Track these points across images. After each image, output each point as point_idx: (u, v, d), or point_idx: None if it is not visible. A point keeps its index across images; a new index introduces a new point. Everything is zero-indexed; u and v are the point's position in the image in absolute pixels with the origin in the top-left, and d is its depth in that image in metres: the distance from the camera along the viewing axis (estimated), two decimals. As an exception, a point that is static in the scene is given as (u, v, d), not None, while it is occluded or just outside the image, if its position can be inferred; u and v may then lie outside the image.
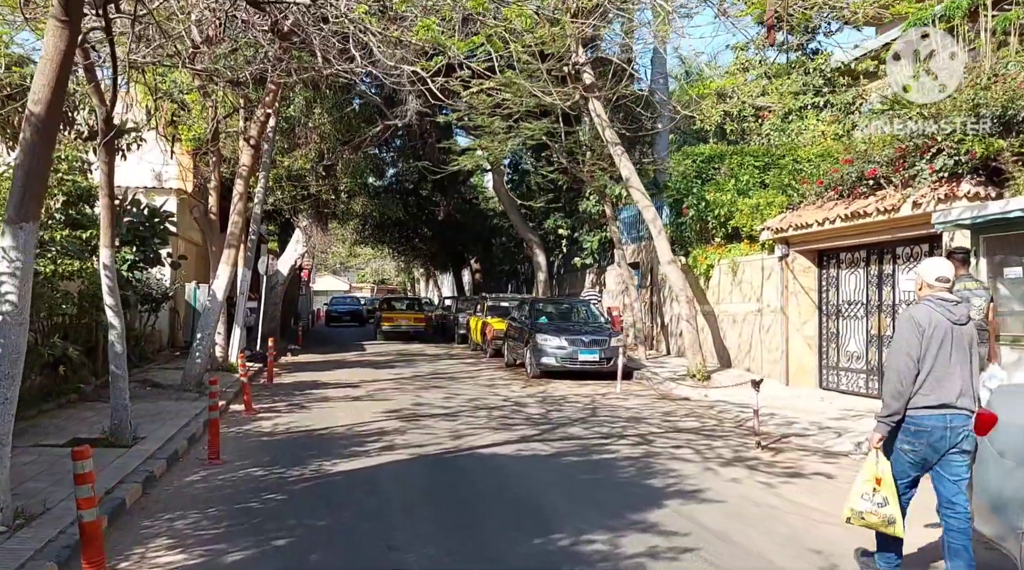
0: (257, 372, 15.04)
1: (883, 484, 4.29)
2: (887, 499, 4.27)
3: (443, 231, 33.77)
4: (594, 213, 20.79)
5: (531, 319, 15.58)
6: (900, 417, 4.29)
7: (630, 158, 16.75)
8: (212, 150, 14.14)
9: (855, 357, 11.90)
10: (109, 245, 7.40)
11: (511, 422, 9.88)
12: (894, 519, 4.27)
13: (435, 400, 11.86)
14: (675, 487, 6.70)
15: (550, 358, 14.20)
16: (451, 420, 10.01)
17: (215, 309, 12.11)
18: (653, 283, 17.96)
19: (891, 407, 4.28)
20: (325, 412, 10.61)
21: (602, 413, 10.66)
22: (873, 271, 11.54)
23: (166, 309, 16.88)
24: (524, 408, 11.03)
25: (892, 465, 4.33)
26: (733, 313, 14.63)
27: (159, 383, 11.92)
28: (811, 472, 7.31)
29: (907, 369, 4.22)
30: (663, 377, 13.69)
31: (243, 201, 12.32)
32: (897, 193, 10.33)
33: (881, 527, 4.33)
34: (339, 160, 19.62)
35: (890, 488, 4.28)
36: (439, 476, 7.19)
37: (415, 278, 59.94)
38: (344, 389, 13.09)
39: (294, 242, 22.54)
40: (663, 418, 10.36)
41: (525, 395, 12.43)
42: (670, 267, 13.42)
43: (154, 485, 6.60)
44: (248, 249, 15.39)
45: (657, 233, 13.40)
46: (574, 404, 11.44)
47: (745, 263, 14.22)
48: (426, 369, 16.84)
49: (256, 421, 9.90)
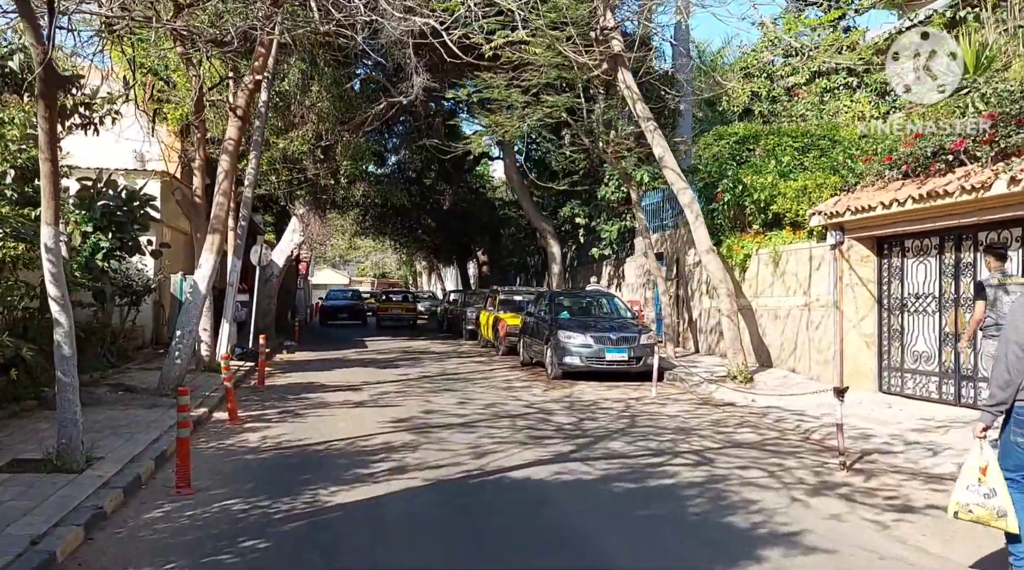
0: (247, 373, 13.62)
1: (988, 474, 4.06)
2: (995, 490, 4.03)
3: (448, 221, 32.33)
4: (613, 200, 19.35)
5: (552, 314, 14.15)
6: (1008, 407, 4.11)
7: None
8: (196, 125, 12.62)
9: (924, 358, 10.48)
10: (52, 222, 5.96)
11: (540, 434, 8.46)
12: (1005, 511, 4.00)
13: (448, 406, 10.44)
14: (764, 528, 5.28)
15: (574, 357, 12.77)
16: (469, 432, 8.59)
17: (197, 302, 10.68)
18: (679, 275, 16.52)
19: (997, 396, 4.12)
20: (323, 421, 9.19)
21: (642, 422, 9.24)
22: (948, 259, 10.10)
23: (149, 302, 15.41)
24: (552, 416, 9.61)
25: (1007, 458, 4.12)
26: (774, 308, 13.20)
27: (133, 387, 10.49)
28: (923, 505, 5.88)
29: (1016, 359, 4.05)
30: (700, 378, 12.27)
31: (229, 180, 10.86)
32: (985, 169, 8.89)
33: (991, 521, 4.07)
34: (338, 142, 18.17)
35: (997, 479, 4.04)
36: (462, 512, 5.78)
37: (417, 271, 58.48)
38: (344, 392, 11.68)
39: (290, 231, 21.11)
40: (714, 429, 8.94)
41: (549, 400, 11.01)
42: (709, 256, 11.98)
43: (102, 526, 5.18)
44: (238, 236, 13.95)
45: (695, 218, 11.95)
46: (607, 411, 10.02)
47: (789, 252, 12.79)
48: (434, 369, 15.42)
49: (242, 433, 8.48)
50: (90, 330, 12.76)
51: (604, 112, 14.09)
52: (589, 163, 16.84)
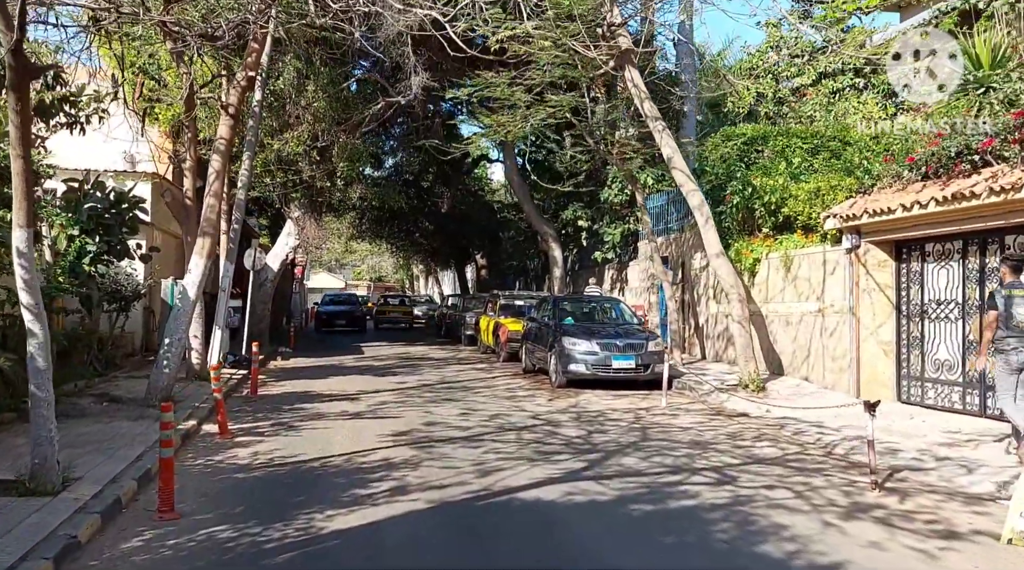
0: (240, 381, 13.15)
1: None
2: None
3: (446, 224, 31.86)
4: (616, 203, 18.93)
5: (556, 320, 13.69)
6: None
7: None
8: (187, 124, 12.14)
9: (946, 367, 10.05)
10: (25, 224, 5.49)
11: (548, 449, 8.00)
12: None
13: (450, 417, 9.98)
14: (800, 558, 4.83)
15: (579, 365, 12.32)
16: (474, 446, 8.13)
17: (186, 309, 10.20)
18: (685, 279, 16.09)
19: None
20: (318, 434, 8.72)
21: (655, 435, 8.79)
22: (972, 264, 9.68)
23: (138, 308, 14.91)
24: (559, 429, 9.15)
25: None
26: (786, 314, 12.77)
27: (119, 397, 10.00)
28: (968, 530, 5.43)
29: None
30: (710, 387, 11.83)
31: (220, 181, 10.39)
32: (1015, 169, 8.48)
33: None
34: (335, 143, 17.69)
35: None
36: (468, 535, 5.32)
37: (414, 275, 57.95)
38: (341, 402, 11.21)
39: (285, 234, 20.62)
40: (731, 443, 8.49)
41: (555, 410, 10.56)
42: (720, 260, 11.53)
43: (75, 557, 4.71)
44: (231, 240, 13.47)
45: (704, 221, 11.51)
46: (617, 423, 9.56)
47: (801, 256, 12.36)
48: (433, 376, 14.95)
49: (232, 448, 8.00)
50: (76, 337, 12.28)
51: (608, 112, 13.66)
52: (592, 165, 16.41)
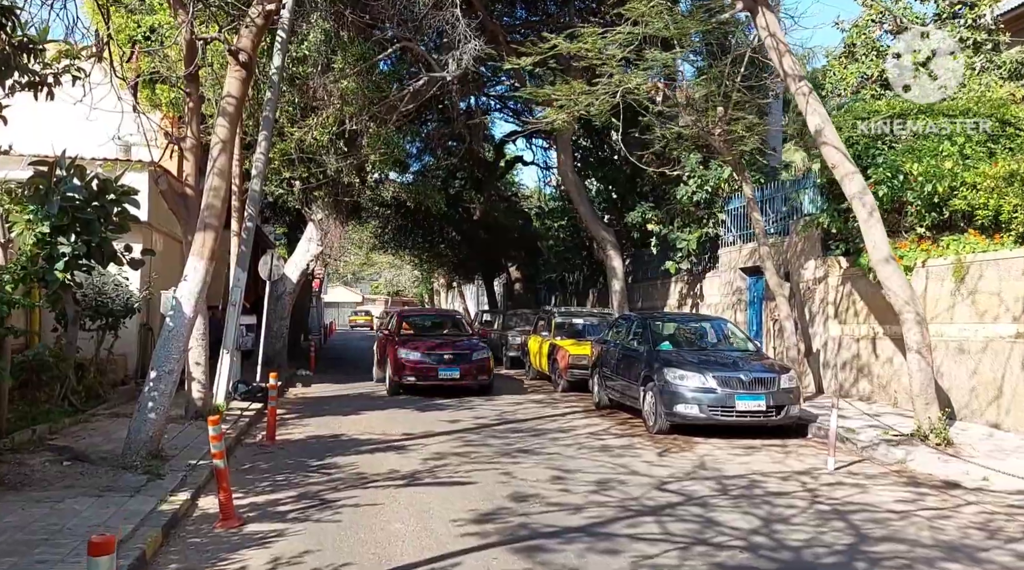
0: (253, 419, 10.39)
1: None
2: None
3: (475, 234, 29.14)
4: (692, 203, 16.12)
5: (648, 345, 10.83)
6: None
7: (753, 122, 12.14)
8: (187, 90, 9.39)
9: None
10: None
11: (726, 559, 5.13)
12: None
13: (540, 484, 7.13)
14: None
15: (690, 407, 9.42)
16: (605, 548, 5.28)
17: (180, 327, 7.44)
18: (793, 294, 13.21)
19: None
20: (366, 519, 5.91)
21: (869, 529, 5.86)
22: None
23: (131, 326, 12.17)
24: (713, 514, 6.23)
25: None
26: (959, 339, 9.86)
27: (85, 454, 7.18)
28: None
29: None
30: (868, 437, 8.92)
31: (227, 154, 7.69)
32: None
33: None
34: (364, 132, 15.02)
35: None
36: None
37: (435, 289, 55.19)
38: (385, 454, 8.42)
39: (306, 240, 17.93)
40: (998, 544, 5.57)
41: (681, 474, 7.67)
42: (889, 268, 8.62)
43: None
44: (243, 241, 10.75)
45: (868, 215, 8.63)
46: (790, 503, 6.61)
47: (985, 263, 9.47)
48: (488, 411, 12.13)
49: (239, 549, 5.21)
50: (42, 365, 9.59)
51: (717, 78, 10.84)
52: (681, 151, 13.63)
